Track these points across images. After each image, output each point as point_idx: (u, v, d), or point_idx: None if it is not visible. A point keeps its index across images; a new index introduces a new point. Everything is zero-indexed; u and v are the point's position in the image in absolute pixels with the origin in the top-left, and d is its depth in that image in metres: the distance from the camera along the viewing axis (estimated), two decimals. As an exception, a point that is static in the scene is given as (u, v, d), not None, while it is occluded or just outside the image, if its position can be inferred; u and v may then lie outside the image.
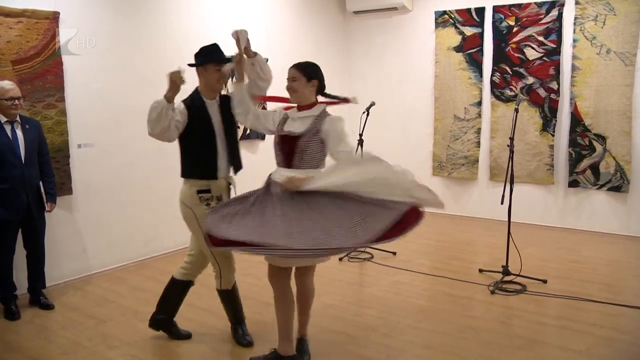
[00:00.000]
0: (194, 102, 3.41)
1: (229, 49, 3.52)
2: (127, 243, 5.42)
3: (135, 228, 5.49)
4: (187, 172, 3.45)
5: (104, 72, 5.10)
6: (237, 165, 3.54)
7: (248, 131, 6.58)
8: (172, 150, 5.68)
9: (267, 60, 3.70)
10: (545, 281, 4.74)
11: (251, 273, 4.84)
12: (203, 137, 3.37)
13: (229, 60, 3.42)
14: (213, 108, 3.44)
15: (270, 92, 3.57)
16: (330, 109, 3.30)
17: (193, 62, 3.50)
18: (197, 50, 3.54)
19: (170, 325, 3.74)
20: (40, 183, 4.31)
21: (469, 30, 7.20)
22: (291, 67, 3.21)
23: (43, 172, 4.33)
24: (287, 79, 3.20)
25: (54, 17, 4.62)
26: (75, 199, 4.95)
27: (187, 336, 3.74)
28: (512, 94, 6.91)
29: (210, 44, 3.48)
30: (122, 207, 5.36)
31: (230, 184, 3.51)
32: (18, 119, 4.14)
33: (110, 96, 5.18)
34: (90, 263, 5.13)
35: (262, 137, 6.70)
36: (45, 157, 4.36)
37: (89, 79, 4.98)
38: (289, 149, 3.13)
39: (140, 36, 5.39)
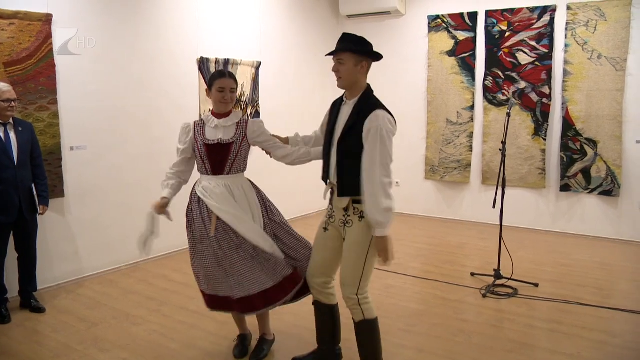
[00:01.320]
0: (339, 99, 3.11)
1: (224, 52, 3.52)
2: (120, 246, 5.40)
3: (128, 231, 5.47)
4: None
5: (97, 74, 5.08)
6: (340, 183, 2.97)
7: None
8: (166, 153, 5.71)
9: (260, 64, 3.69)
10: (536, 285, 4.77)
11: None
12: (326, 134, 3.09)
13: (374, 55, 2.97)
14: (346, 109, 3.00)
15: (267, 98, 3.57)
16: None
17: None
18: (189, 53, 3.52)
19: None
20: (33, 186, 4.29)
21: (461, 35, 7.24)
22: (229, 77, 3.24)
23: (36, 174, 4.31)
24: (224, 88, 3.20)
25: (47, 19, 4.61)
26: (67, 201, 4.93)
27: None
28: (505, 98, 6.95)
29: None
30: (115, 210, 5.35)
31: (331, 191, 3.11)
32: (11, 121, 4.13)
33: (103, 99, 5.16)
34: (82, 266, 5.11)
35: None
36: (38, 159, 4.34)
37: (81, 81, 4.97)
38: (221, 157, 3.21)
39: (133, 39, 5.38)
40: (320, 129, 3.33)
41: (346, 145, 2.91)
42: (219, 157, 3.21)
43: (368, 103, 2.90)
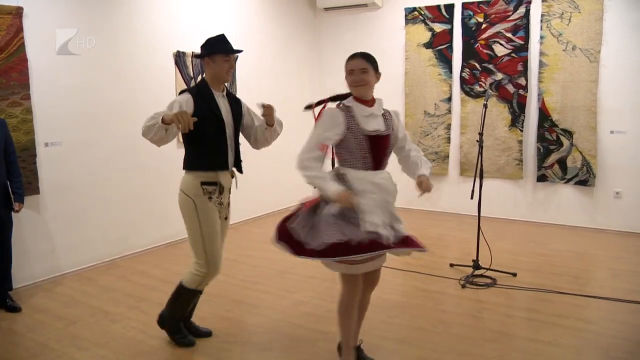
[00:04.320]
0: (201, 92, 3.34)
1: (198, 45, 3.50)
2: (98, 242, 5.34)
3: (106, 227, 5.41)
4: (193, 163, 3.37)
5: (71, 68, 4.99)
6: (238, 160, 3.53)
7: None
8: (142, 148, 5.64)
9: (237, 57, 3.68)
10: (515, 274, 4.82)
11: (221, 271, 4.81)
12: (213, 128, 3.32)
13: (236, 50, 3.44)
14: (220, 100, 3.40)
15: (243, 91, 3.55)
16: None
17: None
18: (165, 47, 3.48)
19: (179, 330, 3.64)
20: (8, 183, 4.21)
21: (438, 27, 7.26)
22: (357, 57, 2.92)
23: (10, 172, 4.22)
24: (353, 70, 2.90)
25: (17, 12, 4.51)
26: (42, 198, 4.85)
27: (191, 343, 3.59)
28: (482, 89, 6.99)
29: (217, 35, 3.42)
30: (92, 206, 5.27)
31: (233, 176, 3.51)
32: (-17, 117, 4.05)
33: (78, 94, 5.08)
34: (59, 263, 5.04)
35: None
36: (12, 156, 4.24)
37: (55, 76, 4.88)
38: (382, 151, 2.97)
39: (108, 32, 5.29)
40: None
41: (237, 128, 3.47)
42: (382, 151, 2.98)
43: (230, 92, 3.52)
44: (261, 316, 3.89)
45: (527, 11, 6.62)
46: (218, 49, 3.34)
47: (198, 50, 3.52)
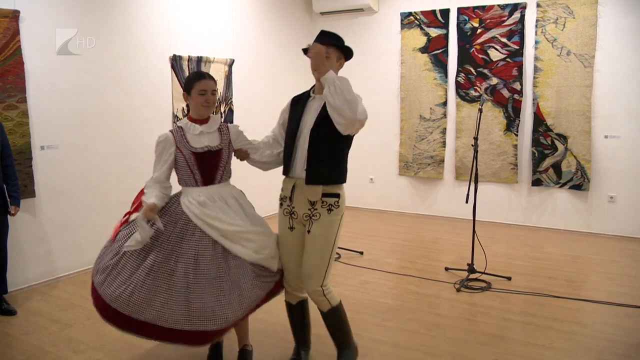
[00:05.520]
0: (302, 95, 3.13)
1: (196, 49, 3.49)
2: (93, 245, 5.29)
3: (101, 230, 5.39)
4: None
5: (67, 71, 5.00)
6: (309, 172, 2.94)
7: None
8: (138, 151, 5.65)
9: (234, 61, 3.59)
10: (509, 278, 4.84)
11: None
12: (289, 130, 3.08)
13: (350, 55, 3.09)
14: (314, 104, 3.02)
15: (240, 96, 3.51)
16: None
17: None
18: (161, 51, 3.43)
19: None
20: (4, 186, 4.21)
21: (434, 32, 7.30)
22: (208, 79, 3.06)
23: (6, 175, 4.22)
24: (205, 91, 3.02)
25: (13, 15, 4.52)
26: (38, 201, 4.85)
27: None
28: (477, 94, 7.03)
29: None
30: (88, 209, 5.27)
31: (294, 187, 3.04)
32: (-21, 120, 4.05)
33: (75, 97, 5.08)
34: (55, 267, 5.03)
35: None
36: (8, 159, 4.24)
37: (52, 79, 4.88)
38: (212, 166, 3.06)
39: (104, 36, 5.30)
40: (279, 127, 3.24)
41: (321, 133, 2.91)
42: (210, 166, 3.04)
43: None
44: (255, 319, 3.88)
45: (522, 16, 6.67)
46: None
47: (194, 54, 3.50)
